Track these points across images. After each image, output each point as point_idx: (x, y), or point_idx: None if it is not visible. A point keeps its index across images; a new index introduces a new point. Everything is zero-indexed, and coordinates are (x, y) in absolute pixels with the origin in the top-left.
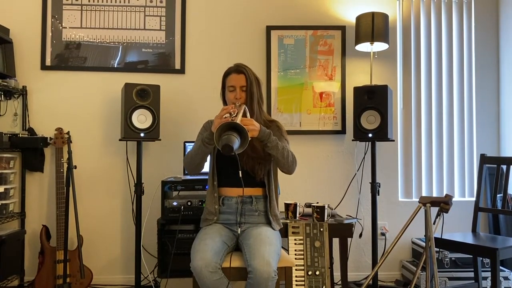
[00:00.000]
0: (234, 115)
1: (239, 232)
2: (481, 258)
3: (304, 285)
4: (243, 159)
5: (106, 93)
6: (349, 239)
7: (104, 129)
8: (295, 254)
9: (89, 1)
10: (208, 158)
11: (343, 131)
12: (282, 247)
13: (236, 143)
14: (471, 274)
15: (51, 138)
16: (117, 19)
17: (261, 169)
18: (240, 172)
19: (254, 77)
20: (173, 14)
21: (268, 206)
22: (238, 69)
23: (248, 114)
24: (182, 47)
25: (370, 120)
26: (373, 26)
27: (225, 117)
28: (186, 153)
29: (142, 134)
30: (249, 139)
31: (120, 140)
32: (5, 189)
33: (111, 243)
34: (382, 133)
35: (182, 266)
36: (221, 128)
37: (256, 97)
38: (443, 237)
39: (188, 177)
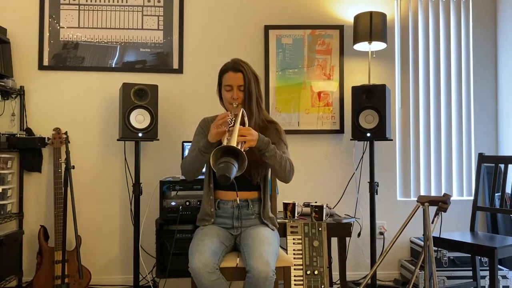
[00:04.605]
0: (231, 125)
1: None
2: (479, 257)
3: (302, 284)
4: None
5: (104, 93)
6: (347, 239)
7: (102, 129)
8: (294, 254)
9: (86, 1)
10: None
11: (341, 131)
12: (281, 247)
13: (233, 171)
14: (470, 273)
15: (49, 138)
16: (115, 18)
17: (258, 173)
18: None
19: (252, 74)
20: (171, 13)
21: (262, 209)
22: (236, 66)
23: (246, 118)
24: (180, 46)
25: (368, 120)
26: (371, 26)
27: (223, 126)
28: (184, 154)
29: (140, 134)
30: (246, 163)
31: (118, 140)
32: (2, 189)
33: (110, 243)
34: (380, 133)
35: (180, 266)
36: (216, 152)
37: (255, 96)
38: (442, 236)
39: None
